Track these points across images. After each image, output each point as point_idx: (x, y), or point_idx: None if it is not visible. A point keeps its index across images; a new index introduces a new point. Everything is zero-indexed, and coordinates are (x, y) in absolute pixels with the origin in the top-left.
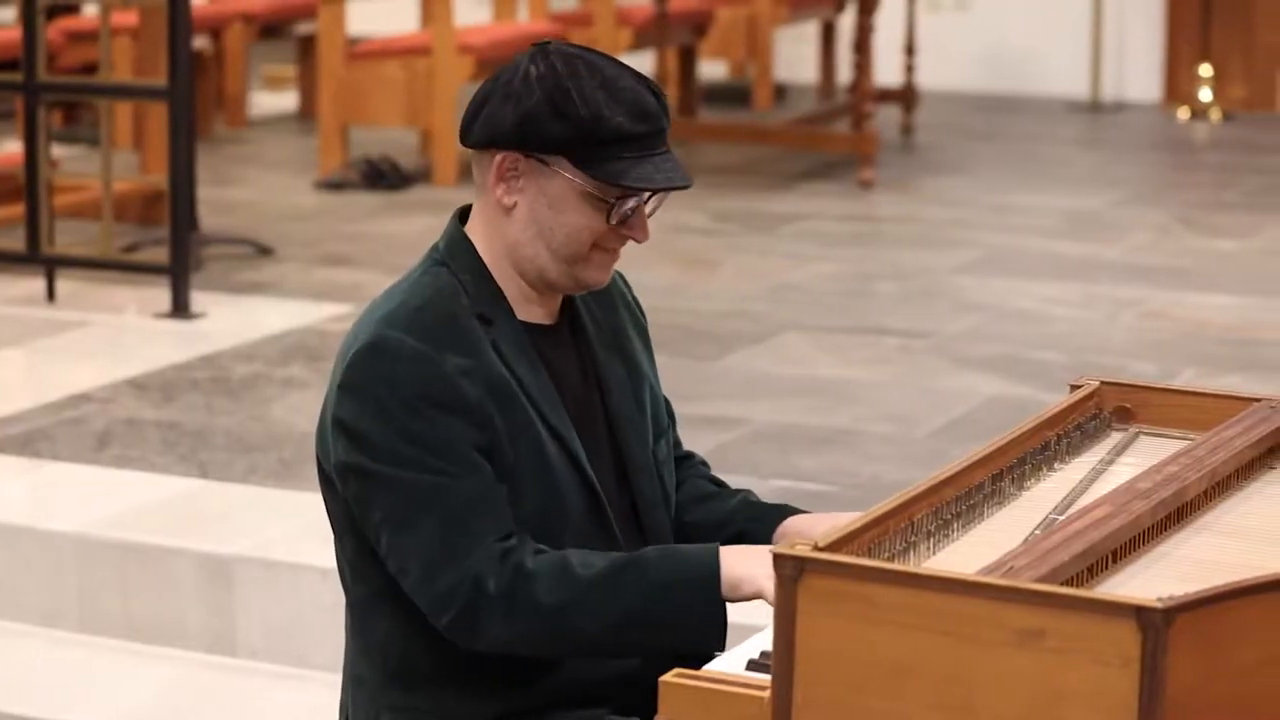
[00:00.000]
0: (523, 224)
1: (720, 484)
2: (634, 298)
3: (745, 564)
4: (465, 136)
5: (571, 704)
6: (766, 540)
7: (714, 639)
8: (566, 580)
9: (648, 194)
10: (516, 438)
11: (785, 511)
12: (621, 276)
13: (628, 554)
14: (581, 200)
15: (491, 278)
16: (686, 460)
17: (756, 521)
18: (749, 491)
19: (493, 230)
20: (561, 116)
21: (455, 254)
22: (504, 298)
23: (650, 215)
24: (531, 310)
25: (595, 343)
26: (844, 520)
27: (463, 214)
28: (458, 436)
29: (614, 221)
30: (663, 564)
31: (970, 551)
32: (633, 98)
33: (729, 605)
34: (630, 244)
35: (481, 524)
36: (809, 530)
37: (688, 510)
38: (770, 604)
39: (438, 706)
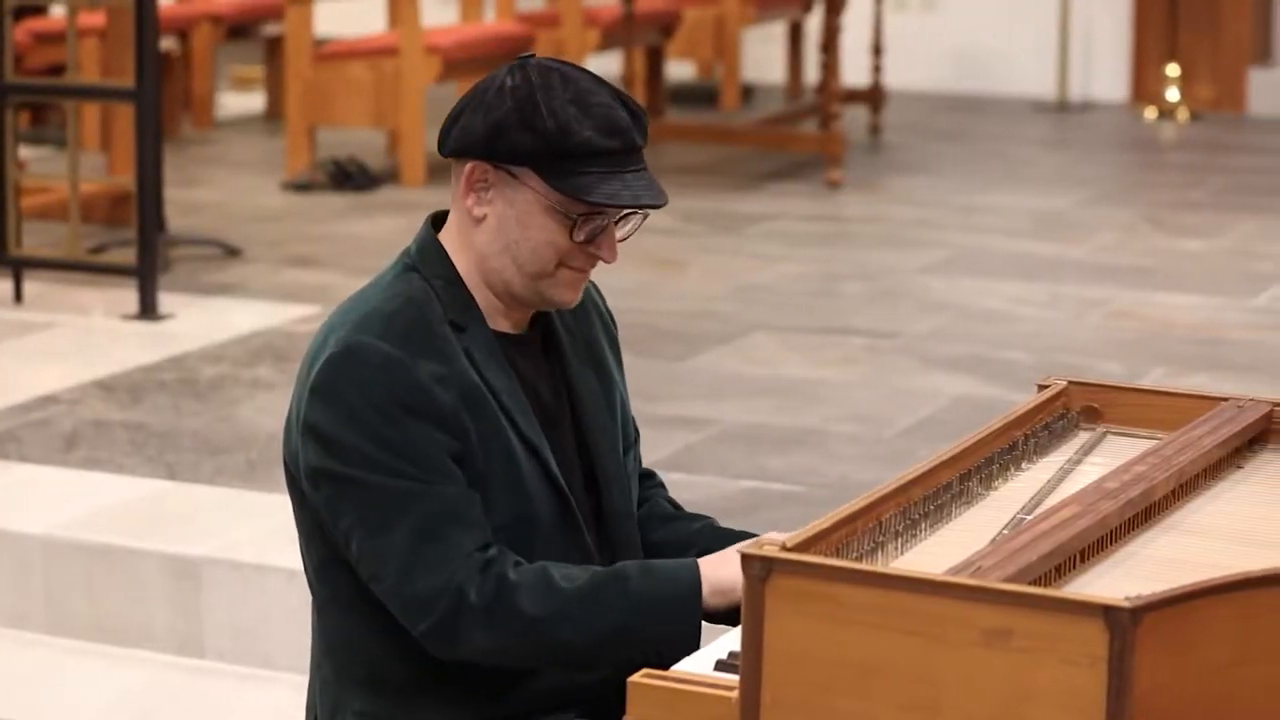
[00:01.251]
0: (491, 236)
1: (679, 507)
2: (607, 308)
3: (730, 570)
4: (442, 146)
5: (541, 710)
6: None
7: (688, 649)
8: (549, 593)
9: (616, 213)
10: (488, 445)
11: (750, 537)
12: (595, 287)
13: (609, 568)
14: (546, 215)
15: (463, 285)
16: (648, 479)
17: (722, 545)
18: (711, 518)
19: (464, 240)
20: (529, 128)
21: (427, 259)
22: (476, 306)
23: (626, 237)
24: (501, 321)
25: (568, 353)
26: None
27: (435, 219)
28: (431, 443)
29: (579, 239)
30: (645, 579)
31: (938, 551)
32: (604, 113)
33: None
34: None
35: (459, 532)
36: None
37: (652, 529)
38: None
39: (404, 713)
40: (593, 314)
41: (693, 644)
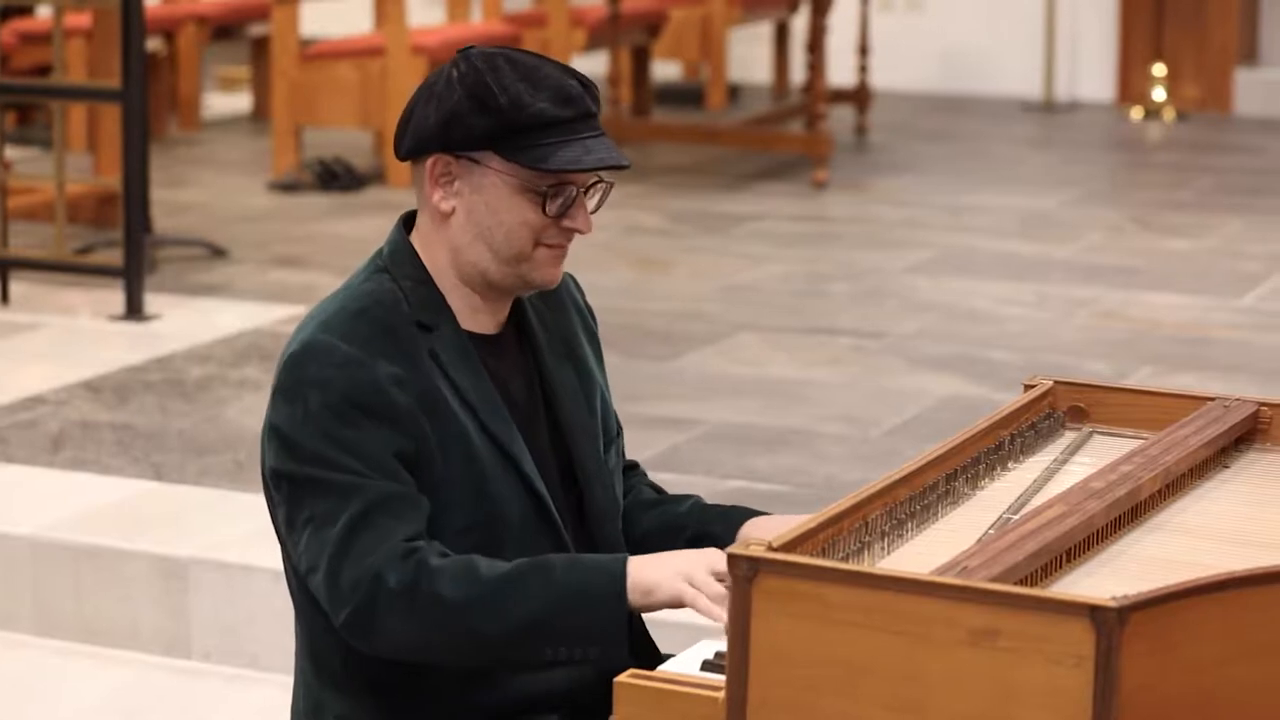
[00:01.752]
0: (462, 228)
1: (663, 491)
2: (585, 302)
3: (655, 570)
4: (398, 149)
5: (523, 713)
6: (730, 542)
7: (616, 650)
8: (470, 579)
9: (585, 181)
10: (448, 448)
11: (744, 512)
12: (573, 279)
13: (533, 558)
14: (516, 194)
15: (434, 285)
16: (631, 470)
17: (715, 523)
18: (698, 497)
19: (435, 238)
20: (483, 110)
21: (398, 260)
22: (447, 306)
23: (596, 209)
24: (477, 320)
25: (545, 350)
26: (802, 520)
27: (407, 220)
28: (382, 443)
29: (551, 213)
30: (569, 571)
31: (924, 551)
32: (554, 84)
33: (669, 610)
34: (583, 244)
35: (389, 523)
36: (770, 531)
37: (639, 518)
38: (692, 608)
39: (385, 716)
40: (570, 308)
41: (620, 643)
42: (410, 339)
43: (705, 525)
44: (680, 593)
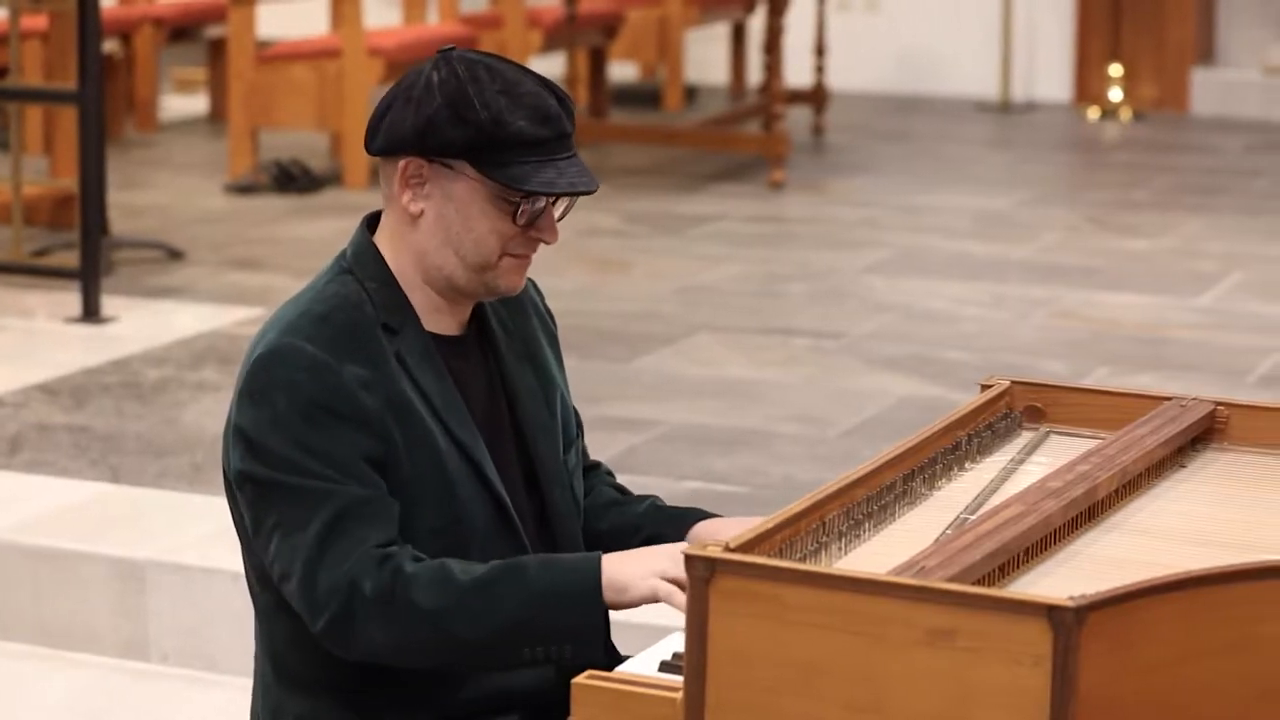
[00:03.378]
0: (430, 231)
1: (625, 491)
2: (545, 305)
3: (628, 567)
4: (370, 144)
5: (483, 714)
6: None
7: (593, 649)
8: (445, 585)
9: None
10: (414, 450)
11: (697, 515)
12: (533, 283)
13: (507, 561)
14: (487, 204)
15: (399, 287)
16: (593, 470)
17: (668, 525)
18: (656, 497)
19: (401, 240)
20: (462, 121)
21: (362, 262)
22: (411, 307)
23: (560, 219)
24: (439, 320)
25: (506, 352)
26: (755, 524)
27: (371, 221)
28: (351, 447)
29: (521, 223)
30: (543, 572)
31: (882, 552)
32: (534, 102)
33: (627, 611)
34: (541, 246)
35: (363, 529)
36: (721, 533)
37: (598, 518)
38: (667, 604)
39: (343, 717)
40: (530, 311)
41: (596, 642)
42: (376, 342)
43: (659, 527)
44: (654, 589)
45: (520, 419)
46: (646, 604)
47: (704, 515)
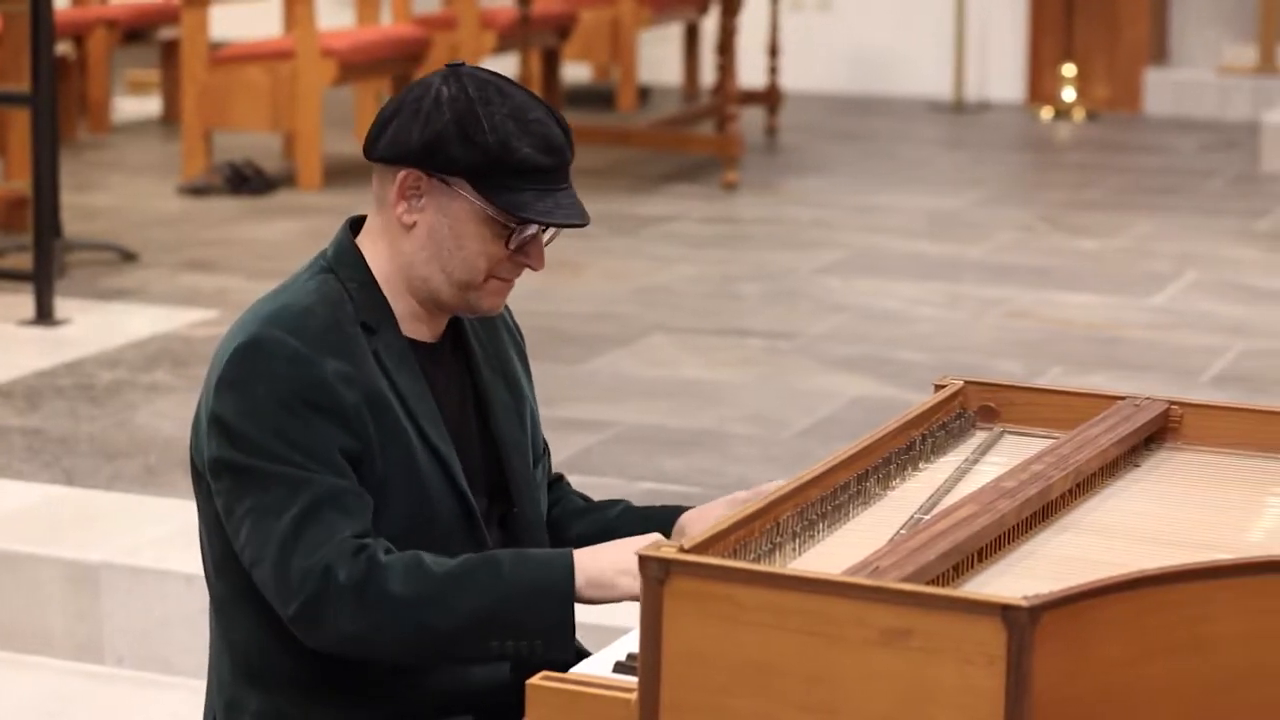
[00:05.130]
0: (420, 243)
1: (589, 499)
2: (514, 322)
3: (601, 561)
4: (370, 150)
5: (439, 712)
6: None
7: (562, 644)
8: (419, 575)
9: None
10: (389, 447)
11: (670, 512)
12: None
13: (481, 554)
14: (482, 225)
15: (379, 289)
16: (558, 482)
17: (641, 525)
18: (626, 501)
19: (388, 246)
20: (469, 142)
21: (344, 262)
22: (390, 310)
23: (548, 243)
24: (417, 328)
25: (480, 364)
26: (741, 499)
27: (354, 223)
28: (329, 439)
29: (512, 248)
30: (516, 565)
31: (836, 552)
32: (541, 130)
33: (598, 608)
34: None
35: (338, 518)
36: (709, 516)
37: (567, 526)
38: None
39: (300, 711)
40: (502, 330)
41: (566, 636)
42: (355, 339)
43: (633, 528)
44: (630, 587)
45: (493, 430)
46: (627, 599)
47: (680, 510)
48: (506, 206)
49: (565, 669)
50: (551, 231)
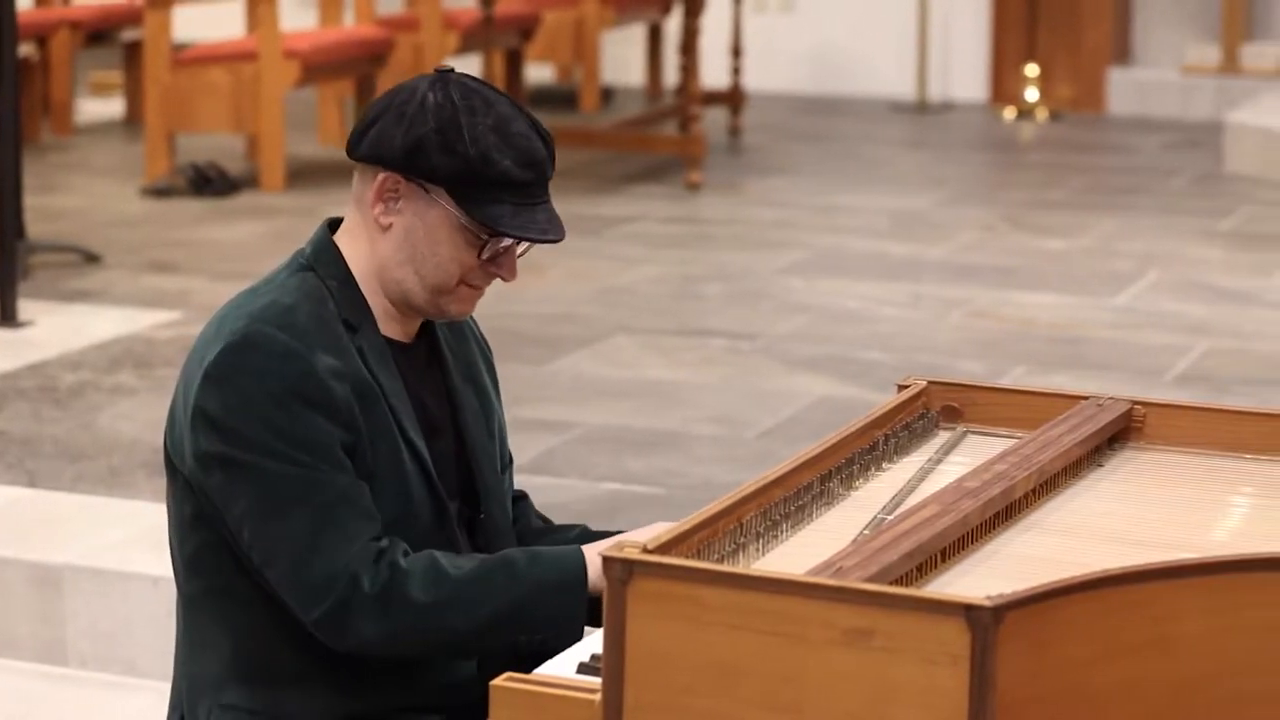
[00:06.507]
0: (395, 245)
1: (548, 520)
2: (482, 335)
3: None
4: (353, 148)
5: (407, 709)
6: None
7: (575, 633)
8: (439, 580)
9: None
10: (377, 442)
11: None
12: (471, 316)
13: (495, 555)
14: (456, 233)
15: (358, 288)
16: (520, 500)
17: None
18: (584, 525)
19: (364, 246)
20: (450, 151)
21: (323, 260)
22: (369, 309)
23: (521, 255)
24: (392, 327)
25: (452, 369)
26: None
27: (332, 224)
28: (325, 433)
29: (485, 257)
30: (531, 564)
31: (799, 552)
32: (523, 144)
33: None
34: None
35: (354, 521)
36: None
37: (530, 542)
38: None
39: (271, 706)
40: (471, 340)
41: (578, 627)
42: (340, 334)
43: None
44: None
45: (463, 435)
46: None
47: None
48: (482, 219)
49: (530, 668)
50: (525, 244)
